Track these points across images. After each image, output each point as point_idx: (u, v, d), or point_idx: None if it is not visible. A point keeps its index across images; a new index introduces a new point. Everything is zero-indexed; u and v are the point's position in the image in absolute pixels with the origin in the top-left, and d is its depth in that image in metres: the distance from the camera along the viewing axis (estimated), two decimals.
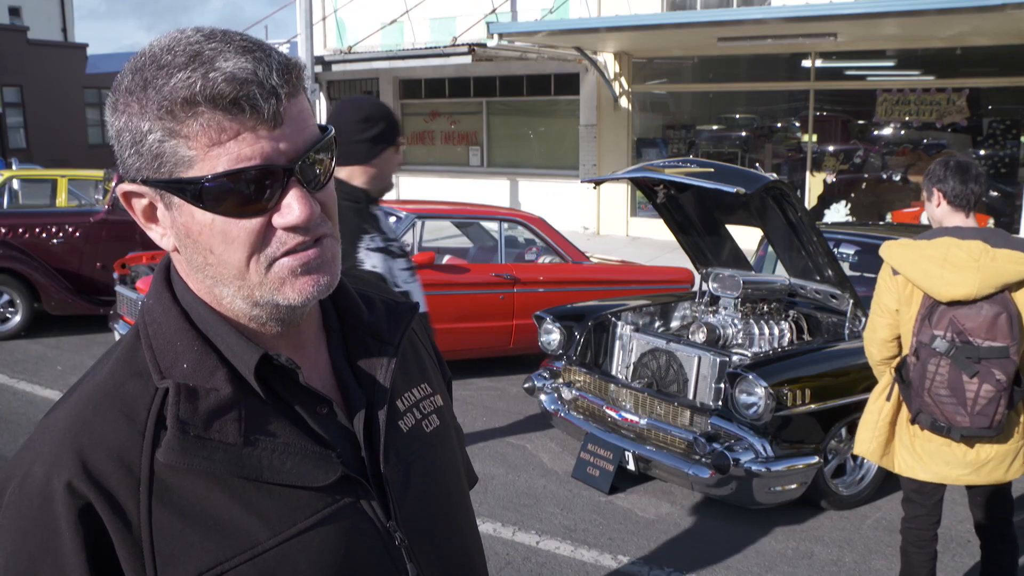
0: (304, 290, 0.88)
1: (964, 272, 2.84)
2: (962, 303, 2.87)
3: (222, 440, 0.86)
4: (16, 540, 0.83)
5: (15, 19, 27.33)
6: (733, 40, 11.76)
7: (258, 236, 0.85)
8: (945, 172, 3.05)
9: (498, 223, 7.03)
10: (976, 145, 11.64)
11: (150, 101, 0.81)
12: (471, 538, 1.11)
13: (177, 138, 0.82)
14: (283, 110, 0.84)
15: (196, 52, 0.82)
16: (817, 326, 5.28)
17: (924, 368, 2.94)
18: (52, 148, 22.80)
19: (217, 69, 0.81)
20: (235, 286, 0.88)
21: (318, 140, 0.88)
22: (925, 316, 2.94)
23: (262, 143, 0.83)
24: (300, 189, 0.86)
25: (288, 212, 0.85)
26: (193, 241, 0.87)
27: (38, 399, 6.17)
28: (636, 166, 5.00)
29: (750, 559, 4.07)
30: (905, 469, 3.14)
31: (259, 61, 0.83)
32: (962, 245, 2.89)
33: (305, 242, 0.87)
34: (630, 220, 14.10)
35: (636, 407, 4.79)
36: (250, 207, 0.84)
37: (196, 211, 0.84)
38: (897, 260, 3.03)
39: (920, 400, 2.99)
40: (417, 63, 13.79)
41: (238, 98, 0.81)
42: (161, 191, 0.85)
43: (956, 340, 2.87)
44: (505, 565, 3.98)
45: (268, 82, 0.82)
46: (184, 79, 0.80)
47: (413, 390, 1.07)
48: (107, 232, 8.22)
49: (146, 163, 0.84)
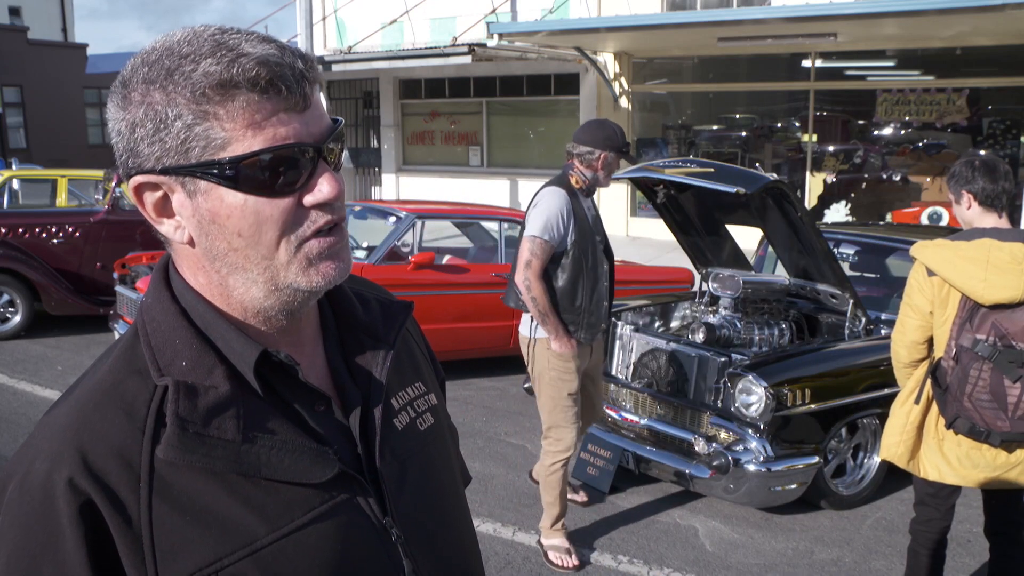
0: (327, 273, 0.90)
1: (1008, 275, 2.76)
2: (1004, 307, 2.78)
3: (221, 437, 0.86)
4: (18, 537, 0.83)
5: (15, 19, 27.32)
6: (733, 40, 11.76)
7: (290, 215, 0.87)
8: (972, 173, 2.95)
9: (498, 223, 7.03)
10: (976, 145, 11.64)
11: (178, 87, 0.83)
12: (466, 534, 1.11)
13: (210, 120, 0.83)
14: (310, 94, 0.87)
15: (219, 41, 0.84)
16: (817, 326, 5.28)
17: (966, 373, 2.84)
18: (52, 148, 22.80)
19: (246, 55, 0.83)
20: (258, 269, 0.89)
21: (336, 127, 0.91)
22: (966, 319, 2.85)
23: (295, 123, 0.86)
24: (328, 168, 0.89)
25: (319, 190, 0.88)
26: (219, 227, 0.87)
27: (38, 399, 6.18)
28: (636, 166, 5.00)
29: (750, 559, 4.08)
30: (933, 473, 3.05)
31: (283, 49, 0.86)
32: (1003, 247, 2.80)
33: (332, 221, 0.90)
34: (630, 220, 14.10)
35: (636, 407, 4.79)
36: (285, 186, 0.86)
37: (226, 193, 0.85)
38: (933, 261, 2.92)
39: (959, 405, 2.89)
40: (417, 63, 13.79)
41: (274, 79, 0.83)
42: (185, 177, 0.86)
43: (999, 344, 2.79)
44: (505, 565, 3.98)
45: (296, 67, 0.86)
46: (214, 63, 0.82)
47: (407, 388, 1.08)
48: (107, 232, 8.23)
49: (170, 150, 0.84)
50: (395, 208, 6.95)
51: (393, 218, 6.76)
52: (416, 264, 6.36)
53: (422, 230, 6.79)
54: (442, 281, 6.52)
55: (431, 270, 6.47)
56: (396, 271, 6.36)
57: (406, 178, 16.74)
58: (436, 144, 16.59)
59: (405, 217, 6.62)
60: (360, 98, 17.39)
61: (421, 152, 16.79)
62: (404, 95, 16.75)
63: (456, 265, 6.78)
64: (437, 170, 16.39)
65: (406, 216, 6.62)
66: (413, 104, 16.72)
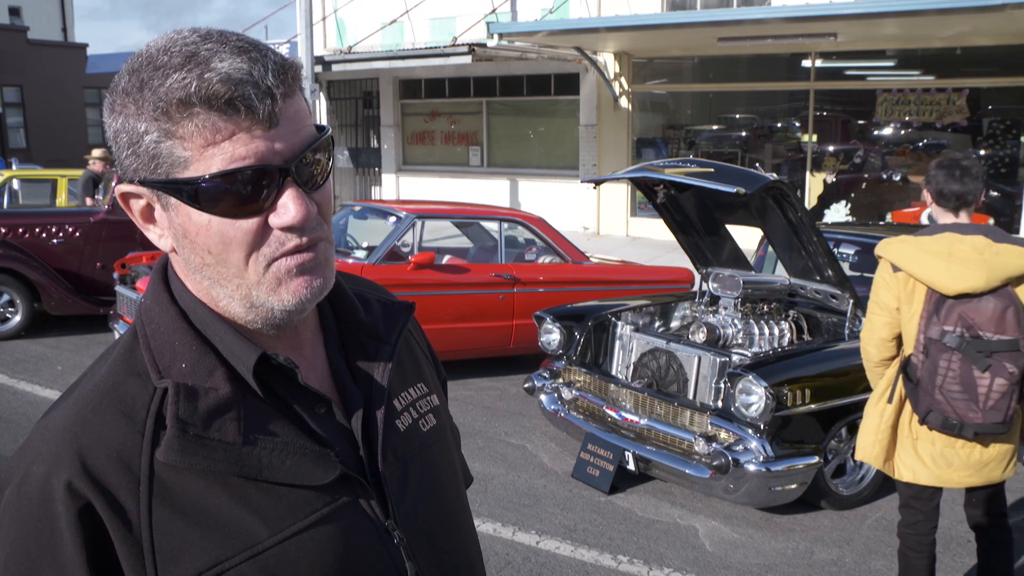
0: (298, 291, 0.88)
1: (970, 265, 2.83)
2: (969, 297, 2.85)
3: (221, 439, 0.86)
4: (16, 540, 0.83)
5: (15, 19, 27.31)
6: (733, 40, 11.76)
7: (255, 236, 0.86)
8: (932, 172, 3.08)
9: (498, 223, 7.03)
10: (976, 145, 11.63)
11: (146, 102, 0.82)
12: (468, 536, 1.11)
13: (173, 139, 0.82)
14: (279, 110, 0.84)
15: (192, 53, 0.82)
16: (817, 326, 5.28)
17: (935, 365, 2.89)
18: (52, 148, 22.79)
19: (212, 70, 0.81)
20: (232, 286, 0.88)
21: (314, 140, 0.88)
22: (932, 312, 2.91)
23: (257, 143, 0.83)
24: (296, 189, 0.86)
25: (284, 212, 0.85)
26: (191, 242, 0.87)
27: (38, 399, 6.17)
28: (636, 166, 5.00)
29: (750, 559, 4.07)
30: (907, 474, 3.09)
31: (255, 61, 0.83)
32: (965, 240, 2.89)
33: (301, 245, 0.87)
34: (630, 220, 14.09)
35: (636, 407, 4.79)
36: (246, 207, 0.84)
37: (193, 212, 0.85)
38: (897, 256, 3.01)
39: (930, 399, 2.93)
40: (417, 63, 13.78)
41: (233, 98, 0.81)
42: (158, 192, 0.86)
43: (966, 334, 2.84)
44: (505, 565, 3.98)
45: (263, 82, 0.82)
46: (179, 80, 0.80)
47: (409, 389, 1.07)
48: (107, 232, 8.23)
49: (143, 164, 0.84)
50: (395, 208, 6.95)
51: (393, 218, 6.76)
52: (416, 264, 6.36)
53: (422, 230, 6.78)
54: (442, 281, 6.52)
55: (431, 270, 6.47)
56: (396, 271, 6.35)
57: (406, 178, 16.73)
58: (436, 144, 16.58)
59: (405, 217, 6.62)
60: (360, 98, 17.38)
61: (421, 152, 16.79)
62: (404, 95, 16.74)
63: (456, 265, 6.77)
64: (437, 170, 16.39)
65: (406, 216, 6.62)
66: (413, 104, 16.72)
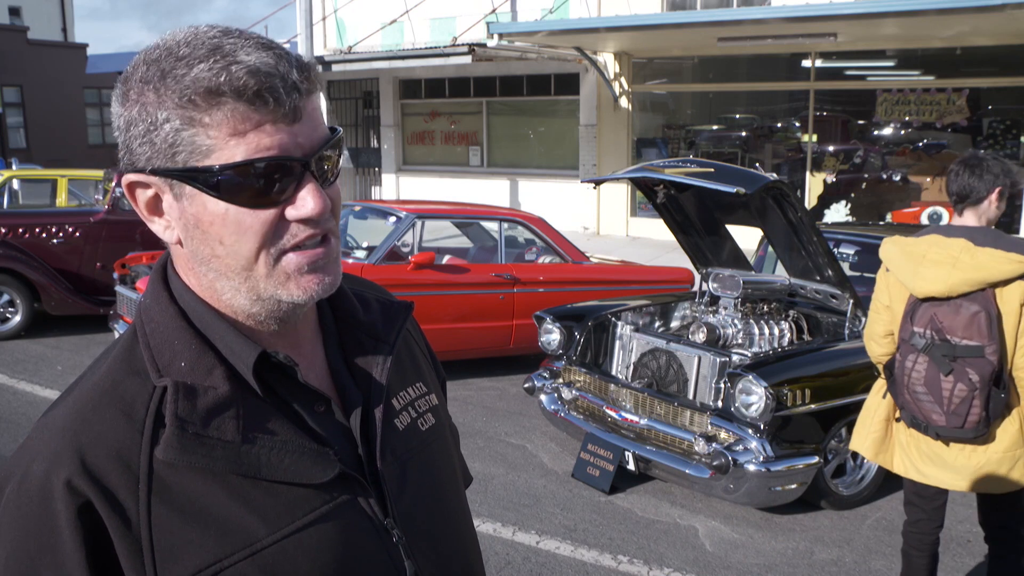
0: (309, 287, 0.89)
1: (938, 269, 2.85)
2: (941, 300, 2.87)
3: (221, 438, 0.86)
4: (16, 538, 0.83)
5: (15, 19, 27.33)
6: (733, 40, 11.76)
7: (271, 227, 0.86)
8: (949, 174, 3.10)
9: (498, 223, 7.03)
10: (976, 145, 11.63)
11: (169, 90, 0.82)
12: (467, 535, 1.11)
13: (196, 127, 0.83)
14: (302, 105, 0.86)
15: (216, 46, 0.83)
16: (817, 326, 5.28)
17: (904, 364, 2.97)
18: (52, 148, 22.81)
19: (240, 62, 0.82)
20: (240, 279, 0.88)
21: (330, 138, 0.90)
22: (909, 312, 2.97)
23: (281, 135, 0.84)
24: (314, 183, 0.87)
25: (302, 204, 0.87)
26: (203, 232, 0.87)
27: (38, 399, 6.17)
28: (636, 166, 5.00)
29: (750, 559, 4.07)
30: (901, 469, 3.15)
31: (279, 57, 0.85)
32: (943, 242, 2.90)
33: (315, 236, 0.88)
34: (630, 220, 14.09)
35: (636, 407, 4.79)
36: (265, 198, 0.85)
37: (209, 201, 0.85)
38: (884, 256, 3.09)
39: (902, 397, 3.02)
40: (417, 63, 13.78)
41: (262, 90, 0.82)
42: (172, 180, 0.86)
43: (934, 337, 2.88)
44: (505, 565, 3.98)
45: (289, 77, 0.84)
46: (206, 70, 0.82)
47: (408, 389, 1.08)
48: (107, 232, 8.23)
49: (159, 152, 0.84)
50: (395, 208, 6.95)
51: (393, 218, 6.76)
52: (416, 264, 6.36)
53: (422, 230, 6.79)
54: (442, 281, 6.52)
55: (431, 270, 6.47)
56: (396, 271, 6.35)
57: (406, 178, 16.73)
58: (436, 144, 16.59)
59: (405, 217, 6.61)
60: (360, 98, 17.38)
61: (421, 152, 16.79)
62: (404, 95, 16.74)
63: (456, 265, 6.77)
64: (437, 170, 16.39)
65: (406, 216, 6.62)
66: (413, 104, 16.72)
